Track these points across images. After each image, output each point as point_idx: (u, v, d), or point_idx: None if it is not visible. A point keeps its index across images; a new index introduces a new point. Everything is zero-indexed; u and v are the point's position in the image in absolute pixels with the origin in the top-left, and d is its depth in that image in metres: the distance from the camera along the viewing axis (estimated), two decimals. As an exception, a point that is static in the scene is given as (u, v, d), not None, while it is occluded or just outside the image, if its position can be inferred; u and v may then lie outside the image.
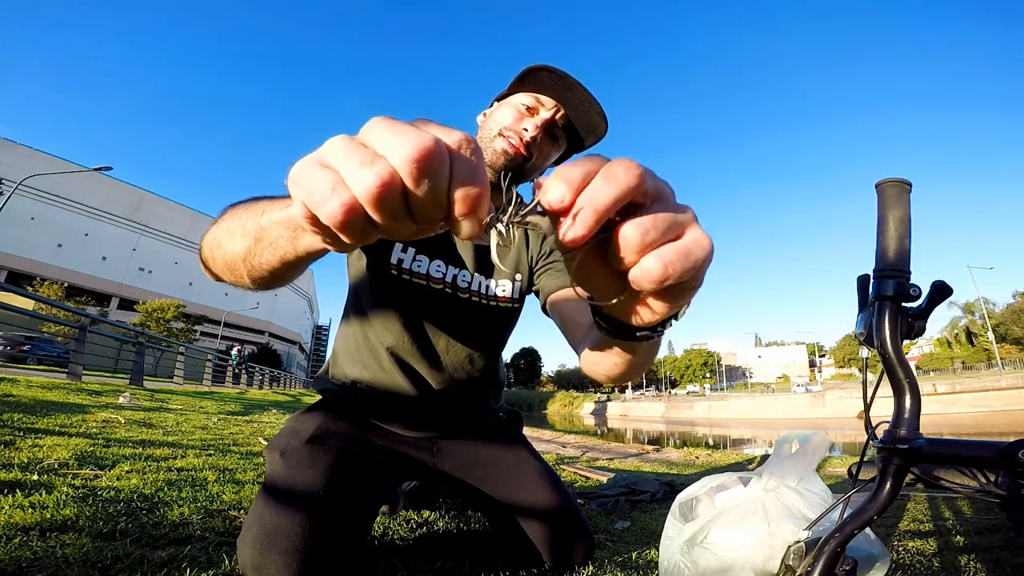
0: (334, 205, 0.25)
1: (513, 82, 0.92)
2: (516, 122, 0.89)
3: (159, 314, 31.18)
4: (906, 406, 0.54)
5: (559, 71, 0.86)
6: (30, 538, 0.86)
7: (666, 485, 2.08)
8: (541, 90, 0.90)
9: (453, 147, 0.25)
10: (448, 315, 0.97)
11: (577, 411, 52.72)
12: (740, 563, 0.73)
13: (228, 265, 0.50)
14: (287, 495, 0.78)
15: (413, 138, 0.24)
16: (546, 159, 0.95)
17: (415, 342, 0.95)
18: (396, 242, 0.93)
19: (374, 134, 0.26)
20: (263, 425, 3.79)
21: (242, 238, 0.45)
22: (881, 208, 0.57)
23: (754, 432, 21.48)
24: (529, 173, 0.94)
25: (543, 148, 0.92)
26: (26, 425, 2.18)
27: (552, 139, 0.93)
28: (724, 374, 77.36)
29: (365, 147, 0.25)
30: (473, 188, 0.26)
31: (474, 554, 1.05)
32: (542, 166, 0.95)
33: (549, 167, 0.99)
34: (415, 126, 0.26)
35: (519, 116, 0.90)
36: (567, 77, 0.87)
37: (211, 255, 0.52)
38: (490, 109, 0.98)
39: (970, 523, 1.47)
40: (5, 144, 39.40)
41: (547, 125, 0.90)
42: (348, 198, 0.25)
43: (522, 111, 0.90)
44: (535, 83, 0.89)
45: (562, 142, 0.95)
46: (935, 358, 48.24)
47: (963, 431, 17.82)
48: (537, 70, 0.88)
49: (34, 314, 8.14)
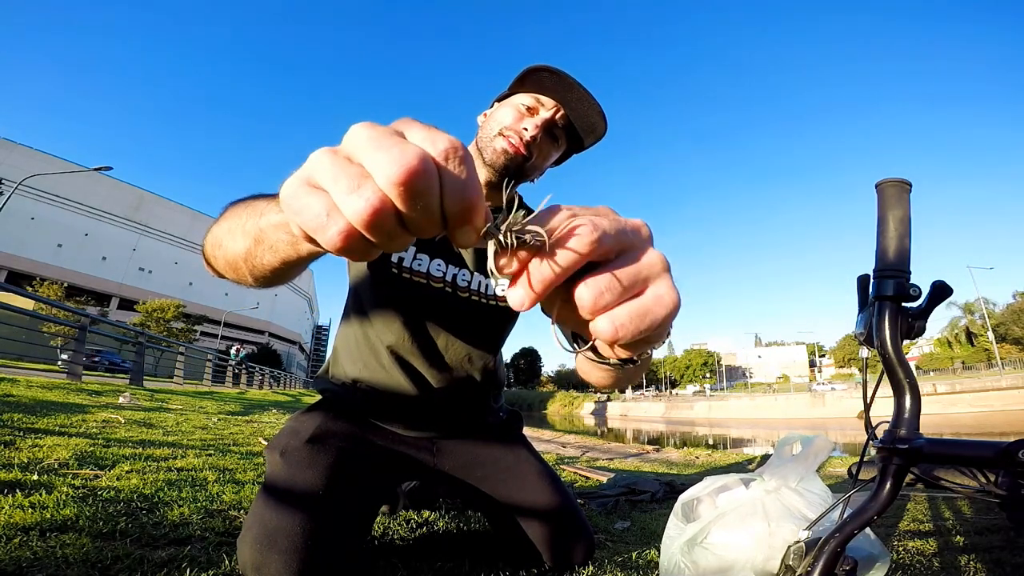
0: (332, 233, 0.24)
1: (513, 82, 0.92)
2: (516, 122, 0.90)
3: (159, 314, 31.19)
4: (906, 406, 0.54)
5: (559, 71, 0.87)
6: (30, 538, 0.86)
7: (666, 485, 2.08)
8: (541, 90, 0.90)
9: (440, 159, 0.24)
10: (448, 314, 0.97)
11: (577, 411, 52.74)
12: (740, 563, 0.73)
13: (230, 264, 0.51)
14: (287, 495, 0.78)
15: (397, 156, 0.23)
16: (546, 158, 0.95)
17: (415, 340, 0.95)
18: None
19: (359, 148, 0.24)
20: (263, 425, 3.79)
21: (242, 239, 0.46)
22: (881, 208, 0.57)
23: (754, 432, 21.48)
24: (529, 172, 0.94)
25: (543, 147, 0.92)
26: (26, 425, 2.18)
27: (552, 139, 0.93)
28: (724, 374, 77.37)
29: (351, 164, 0.24)
30: (465, 201, 0.24)
31: (474, 554, 1.05)
32: (542, 165, 0.96)
33: (549, 166, 0.99)
34: (398, 134, 0.25)
35: (519, 116, 0.91)
36: (567, 77, 0.87)
37: (213, 254, 0.53)
38: (491, 109, 0.98)
39: (970, 523, 1.47)
40: (5, 144, 39.42)
41: (547, 125, 0.90)
42: (343, 225, 0.24)
43: (522, 111, 0.91)
44: (535, 83, 0.90)
45: (562, 142, 0.96)
46: (935, 358, 48.25)
47: (963, 431, 17.83)
48: (537, 70, 0.88)
49: (34, 314, 8.13)
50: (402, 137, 0.25)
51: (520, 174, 0.92)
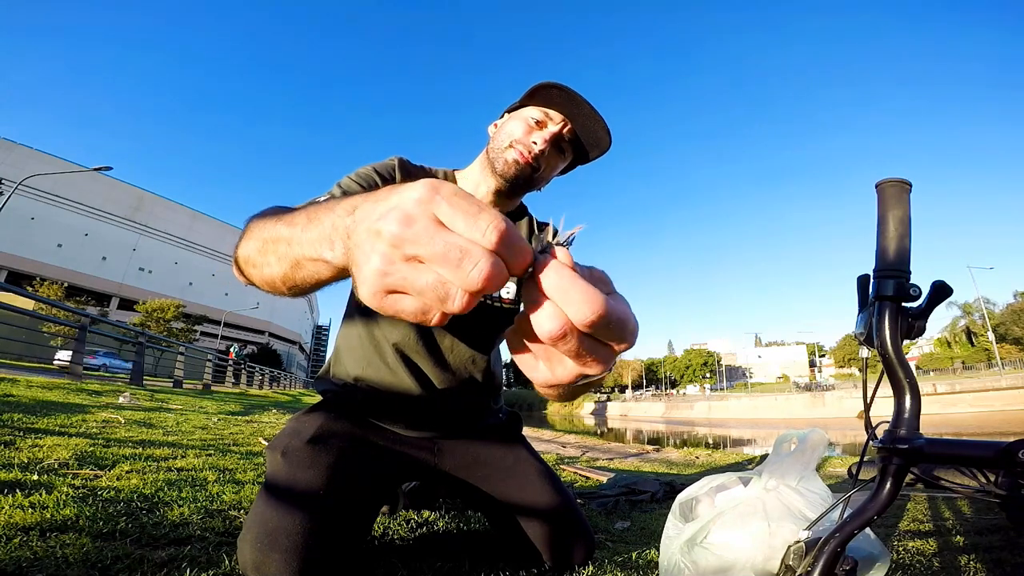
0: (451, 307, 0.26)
1: (524, 96, 0.96)
2: (526, 135, 0.94)
3: (159, 314, 31.17)
4: (906, 406, 0.54)
5: (568, 88, 0.91)
6: (30, 538, 0.86)
7: (666, 485, 2.08)
8: (550, 105, 0.94)
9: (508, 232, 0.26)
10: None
11: (577, 411, 52.73)
12: (740, 563, 0.73)
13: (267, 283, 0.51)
14: (288, 494, 0.78)
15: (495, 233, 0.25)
16: (553, 169, 0.99)
17: (421, 339, 0.96)
18: None
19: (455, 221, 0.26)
20: (263, 425, 3.79)
21: (278, 264, 0.45)
22: (881, 208, 0.57)
23: (754, 432, 21.48)
24: (537, 182, 0.99)
25: (550, 160, 0.96)
26: (26, 425, 2.18)
27: (559, 151, 0.97)
28: (724, 374, 77.31)
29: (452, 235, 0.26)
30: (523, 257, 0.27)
31: (474, 554, 1.05)
32: (549, 176, 1.00)
33: (555, 175, 1.03)
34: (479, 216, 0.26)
35: (528, 129, 0.94)
36: (575, 94, 0.91)
37: (247, 272, 0.53)
38: (501, 120, 1.01)
39: (970, 523, 1.47)
40: (5, 144, 39.41)
41: (555, 138, 0.94)
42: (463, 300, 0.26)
43: (532, 124, 0.94)
44: (544, 99, 0.94)
45: (568, 154, 1.00)
46: (935, 358, 48.22)
47: (963, 431, 17.82)
48: (547, 87, 0.92)
49: (34, 314, 8.12)
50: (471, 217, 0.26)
51: (528, 183, 0.97)
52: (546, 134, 0.93)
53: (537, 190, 1.03)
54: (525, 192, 1.02)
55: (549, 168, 0.97)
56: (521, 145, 0.93)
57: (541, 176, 0.97)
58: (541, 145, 0.92)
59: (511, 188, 0.96)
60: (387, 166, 0.95)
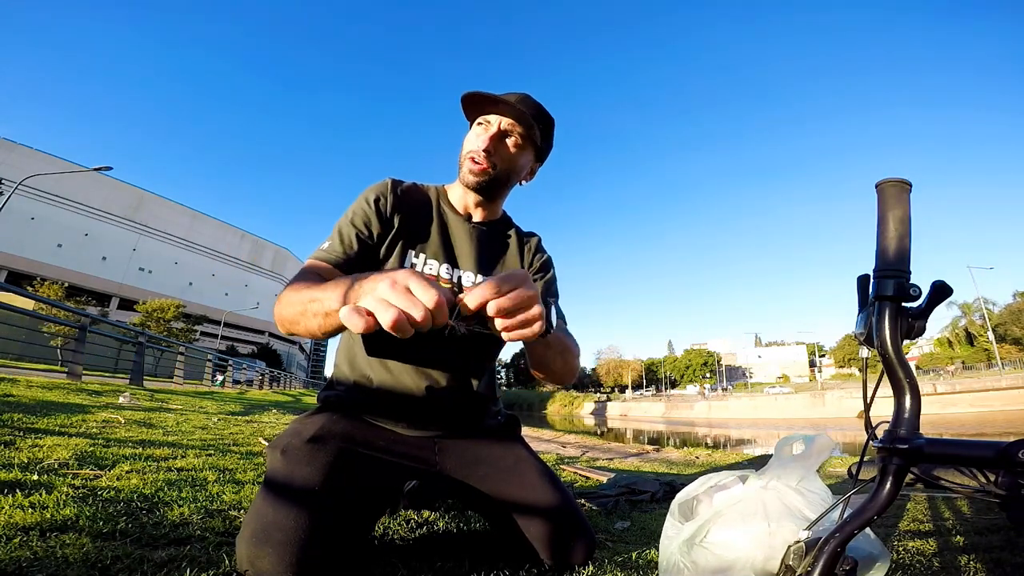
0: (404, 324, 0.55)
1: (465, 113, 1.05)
2: (474, 143, 1.04)
3: (159, 314, 31.20)
4: (906, 406, 0.54)
5: (484, 92, 1.00)
6: (30, 538, 0.86)
7: (666, 485, 2.08)
8: (483, 111, 1.04)
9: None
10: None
11: (577, 411, 52.78)
12: (740, 563, 0.73)
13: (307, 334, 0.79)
14: (285, 491, 0.79)
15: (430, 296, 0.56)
16: (513, 161, 1.06)
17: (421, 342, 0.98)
18: (409, 248, 1.03)
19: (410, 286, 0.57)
20: (263, 425, 3.79)
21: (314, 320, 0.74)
22: (881, 208, 0.57)
23: (754, 432, 21.48)
24: (506, 179, 1.07)
25: (502, 153, 1.04)
26: (26, 425, 2.18)
27: (513, 144, 1.04)
28: (724, 374, 77.32)
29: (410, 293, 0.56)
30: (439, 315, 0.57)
31: (474, 554, 1.05)
32: (515, 167, 1.07)
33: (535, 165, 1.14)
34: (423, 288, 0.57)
35: (475, 138, 1.04)
36: (492, 94, 1.00)
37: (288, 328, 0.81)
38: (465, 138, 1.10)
39: (970, 523, 1.47)
40: (5, 144, 39.46)
41: (497, 136, 1.02)
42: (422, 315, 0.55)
43: (478, 132, 1.04)
44: (474, 107, 1.03)
45: (525, 142, 1.05)
46: (935, 358, 48.24)
47: (963, 431, 17.82)
48: (467, 98, 1.01)
49: (34, 314, 8.12)
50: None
51: (495, 184, 1.05)
52: (486, 135, 1.02)
53: (519, 184, 1.13)
54: (502, 191, 1.10)
55: (507, 161, 1.04)
56: (472, 153, 1.02)
57: (505, 171, 1.05)
58: (485, 144, 1.01)
59: (481, 193, 1.06)
60: (380, 190, 1.04)
